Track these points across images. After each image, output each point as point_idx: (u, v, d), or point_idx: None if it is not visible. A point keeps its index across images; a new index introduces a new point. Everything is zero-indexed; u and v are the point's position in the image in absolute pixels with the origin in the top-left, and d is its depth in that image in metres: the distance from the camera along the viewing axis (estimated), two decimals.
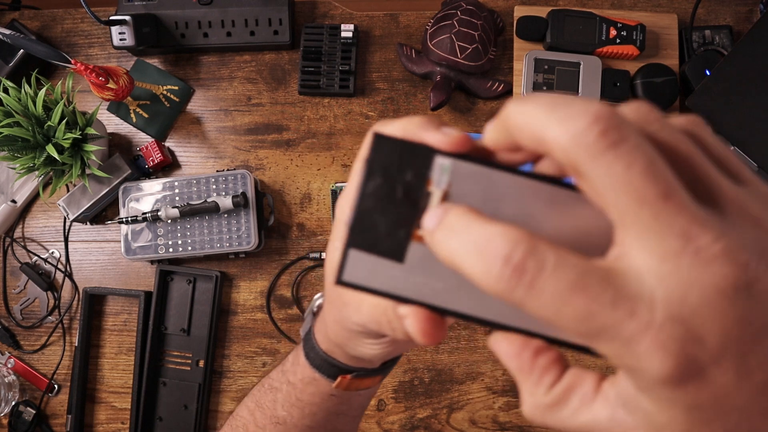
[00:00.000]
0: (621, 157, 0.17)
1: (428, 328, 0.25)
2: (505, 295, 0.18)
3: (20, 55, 0.81)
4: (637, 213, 0.17)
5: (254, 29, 0.82)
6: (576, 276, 0.17)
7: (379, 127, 0.26)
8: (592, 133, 0.17)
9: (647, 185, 0.17)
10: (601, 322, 0.17)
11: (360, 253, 0.24)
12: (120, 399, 0.82)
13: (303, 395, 0.39)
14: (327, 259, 0.31)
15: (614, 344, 0.17)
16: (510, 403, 0.79)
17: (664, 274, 0.17)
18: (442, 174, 0.23)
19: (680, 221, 0.17)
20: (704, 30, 0.82)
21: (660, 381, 0.17)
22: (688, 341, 0.16)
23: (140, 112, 0.84)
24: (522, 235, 0.18)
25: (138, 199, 0.80)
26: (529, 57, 0.80)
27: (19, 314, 0.83)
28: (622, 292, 0.17)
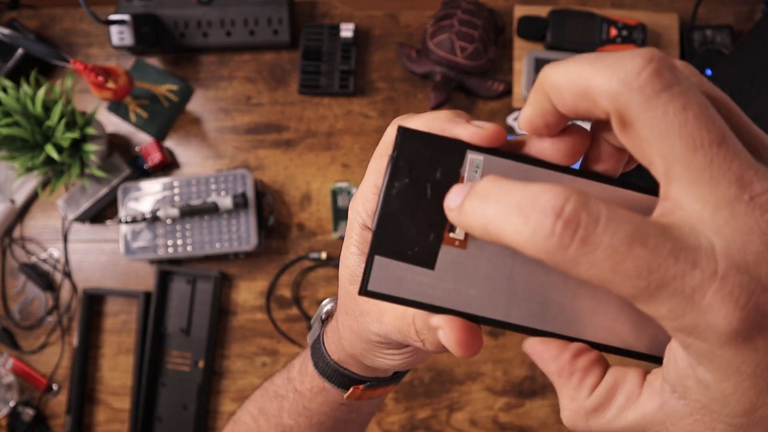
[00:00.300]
0: (677, 99, 0.16)
1: (465, 339, 0.23)
2: (557, 255, 0.16)
3: (19, 54, 0.81)
4: (689, 159, 0.16)
5: (254, 29, 0.82)
6: (633, 228, 0.16)
7: (402, 120, 0.24)
8: (646, 73, 0.16)
9: (702, 129, 0.16)
10: (662, 275, 0.16)
11: (386, 260, 0.22)
12: (119, 399, 0.81)
13: (311, 404, 0.38)
14: (342, 265, 0.29)
15: (676, 300, 0.16)
16: (510, 403, 0.79)
17: (720, 223, 0.16)
18: (474, 171, 0.22)
19: (735, 167, 0.16)
20: (705, 29, 0.82)
21: (726, 336, 0.15)
22: (756, 290, 0.15)
23: (139, 112, 0.83)
24: (570, 190, 0.17)
25: (137, 199, 0.80)
26: (530, 56, 0.80)
27: (17, 314, 0.83)
28: (681, 243, 0.16)
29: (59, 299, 0.82)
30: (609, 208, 0.16)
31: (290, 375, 0.40)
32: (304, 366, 0.38)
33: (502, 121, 0.83)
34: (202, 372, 0.79)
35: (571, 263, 0.16)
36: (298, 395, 0.38)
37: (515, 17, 0.82)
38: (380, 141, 0.26)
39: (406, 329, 0.26)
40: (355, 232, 0.27)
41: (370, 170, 0.26)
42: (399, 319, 0.26)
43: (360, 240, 0.27)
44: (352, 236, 0.28)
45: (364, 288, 0.22)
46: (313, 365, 0.37)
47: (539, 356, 0.23)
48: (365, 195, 0.26)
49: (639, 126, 0.17)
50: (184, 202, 0.79)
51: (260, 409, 0.41)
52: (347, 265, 0.28)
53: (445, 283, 0.22)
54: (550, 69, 0.19)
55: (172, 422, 0.80)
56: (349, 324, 0.30)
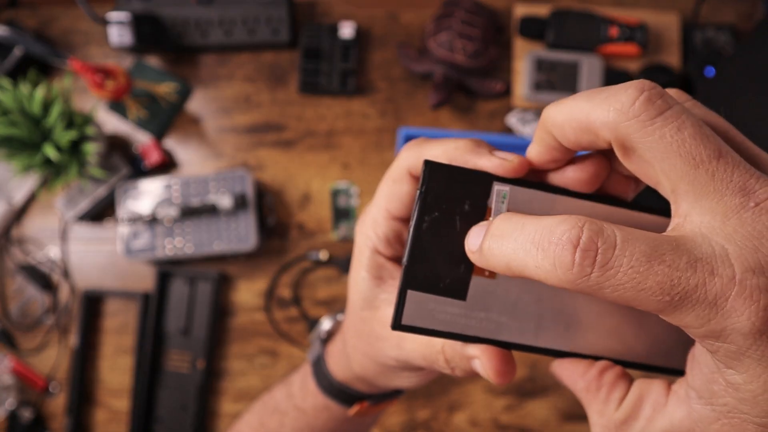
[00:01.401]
0: (671, 122, 0.17)
1: (502, 367, 0.23)
2: (580, 284, 0.17)
3: (17, 53, 0.81)
4: (693, 175, 0.17)
5: (253, 28, 0.82)
6: (649, 247, 0.17)
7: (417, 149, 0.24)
8: (639, 102, 0.17)
9: (700, 146, 0.17)
10: (683, 287, 0.16)
11: (418, 294, 0.22)
12: (118, 400, 0.81)
13: (315, 422, 0.38)
14: (353, 289, 0.29)
15: (700, 308, 0.16)
16: (510, 404, 0.79)
17: (730, 231, 0.17)
18: (501, 202, 0.22)
19: (736, 177, 0.17)
20: (706, 29, 0.82)
21: (752, 336, 0.16)
22: None
23: (138, 112, 0.83)
24: (583, 218, 0.17)
25: (136, 199, 0.79)
26: (530, 56, 0.80)
27: (16, 315, 0.82)
28: (696, 254, 0.17)
29: (58, 300, 0.82)
30: (623, 231, 0.17)
31: (290, 391, 0.40)
32: (305, 383, 0.38)
33: (501, 120, 0.82)
34: (201, 372, 0.79)
35: (596, 288, 0.17)
36: (300, 413, 0.38)
37: (515, 16, 0.82)
38: (393, 165, 0.26)
39: (433, 357, 0.26)
40: (365, 256, 0.27)
41: (381, 194, 0.27)
42: (424, 346, 0.26)
43: (372, 265, 0.27)
44: (362, 260, 0.28)
45: (397, 323, 0.23)
46: (317, 384, 0.37)
47: (568, 376, 0.24)
48: (376, 219, 0.27)
49: (640, 151, 0.18)
50: (184, 202, 0.79)
51: (260, 422, 0.41)
52: (359, 290, 0.28)
53: (477, 313, 0.23)
54: (551, 108, 0.20)
55: (172, 423, 0.79)
56: (362, 348, 0.30)
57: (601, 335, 0.24)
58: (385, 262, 0.28)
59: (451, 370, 0.25)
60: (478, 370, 0.24)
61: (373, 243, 0.27)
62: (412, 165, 0.25)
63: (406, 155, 0.26)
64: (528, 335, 0.23)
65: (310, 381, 0.37)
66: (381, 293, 0.28)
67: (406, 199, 0.26)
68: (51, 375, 0.81)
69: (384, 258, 0.28)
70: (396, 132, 0.82)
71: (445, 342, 0.25)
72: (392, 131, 0.83)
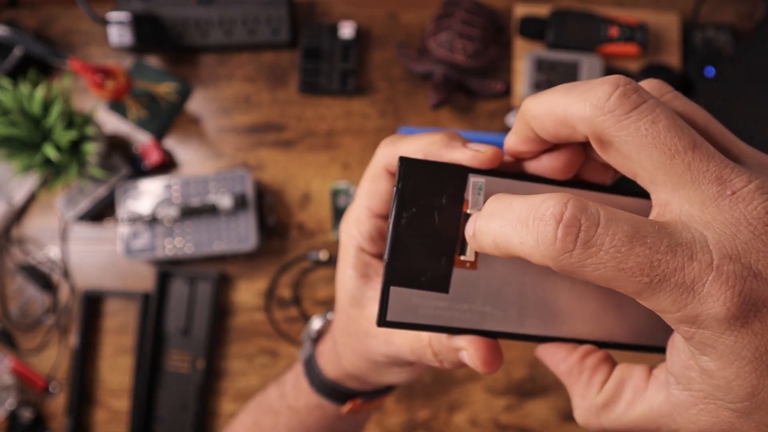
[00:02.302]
0: (645, 116, 0.18)
1: (489, 357, 0.24)
2: (562, 260, 0.17)
3: (17, 53, 0.81)
4: (669, 166, 0.18)
5: (253, 28, 0.82)
6: (632, 228, 0.17)
7: (392, 145, 0.25)
8: (614, 97, 0.18)
9: (674, 138, 0.17)
10: (662, 269, 0.17)
11: (401, 290, 0.23)
12: (118, 400, 0.81)
13: (308, 420, 0.38)
14: (340, 288, 0.29)
15: (678, 292, 0.17)
16: (510, 404, 0.79)
17: (709, 218, 0.17)
18: (477, 193, 0.23)
19: (712, 167, 0.17)
20: (706, 28, 0.82)
21: (726, 322, 0.16)
22: (748, 276, 0.16)
23: (138, 112, 0.83)
24: (568, 195, 0.17)
25: (136, 199, 0.79)
26: (530, 56, 0.80)
27: (16, 315, 0.82)
28: (676, 239, 0.17)
29: (58, 300, 0.82)
30: (607, 210, 0.17)
31: (283, 391, 0.40)
32: (297, 383, 0.38)
33: (501, 120, 0.82)
34: (201, 372, 0.79)
35: (577, 266, 0.17)
36: (293, 412, 0.38)
37: (515, 16, 0.82)
38: (371, 163, 0.26)
39: (421, 351, 0.26)
40: (350, 254, 0.28)
41: (362, 192, 0.27)
42: (412, 341, 0.26)
43: (357, 263, 0.28)
44: (347, 259, 0.28)
45: (382, 319, 0.23)
46: (309, 383, 0.37)
47: (550, 360, 0.24)
48: (359, 218, 0.27)
49: (617, 144, 0.18)
50: (184, 202, 0.79)
51: (255, 422, 0.41)
52: (346, 288, 0.28)
53: (461, 305, 0.23)
54: (530, 100, 0.21)
55: (172, 423, 0.79)
56: (352, 346, 0.31)
57: (583, 320, 0.24)
58: (370, 259, 0.28)
59: (440, 363, 0.26)
60: (465, 361, 0.24)
61: (357, 241, 0.28)
62: (388, 162, 0.26)
63: (382, 152, 0.26)
64: (512, 323, 0.24)
65: (302, 380, 0.38)
66: (368, 291, 0.28)
67: (385, 196, 0.26)
68: (51, 375, 0.81)
69: (369, 256, 0.28)
70: (396, 132, 0.82)
71: (431, 335, 0.25)
72: (392, 131, 0.83)
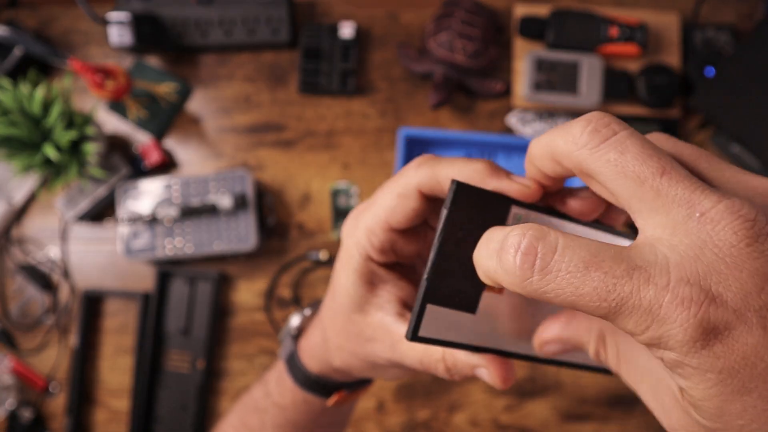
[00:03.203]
0: (614, 147, 0.19)
1: (505, 374, 0.25)
2: (526, 286, 0.18)
3: (17, 53, 0.81)
4: (640, 193, 0.18)
5: (253, 28, 0.82)
6: (588, 254, 0.18)
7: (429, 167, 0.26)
8: (586, 132, 0.19)
9: (642, 165, 0.18)
10: (618, 293, 0.17)
11: (435, 308, 0.24)
12: (118, 400, 0.81)
13: (295, 416, 0.39)
14: (342, 293, 0.30)
15: (637, 315, 0.17)
16: (510, 404, 0.79)
17: (675, 241, 0.17)
18: (516, 224, 0.23)
19: (681, 191, 0.17)
20: (706, 28, 0.82)
21: (687, 344, 0.16)
22: (708, 298, 0.16)
23: (138, 112, 0.83)
24: (531, 226, 0.19)
25: (136, 199, 0.79)
26: (530, 56, 0.80)
27: (16, 315, 0.82)
28: (636, 263, 0.17)
29: (58, 300, 0.82)
30: (567, 238, 0.18)
31: (267, 389, 0.40)
32: (280, 380, 0.39)
33: (501, 120, 0.82)
34: (201, 372, 0.79)
35: (540, 292, 0.18)
36: (279, 409, 0.39)
37: (515, 16, 0.82)
38: (400, 180, 0.27)
39: (432, 364, 0.27)
40: (356, 261, 0.28)
41: (381, 205, 0.27)
42: (422, 353, 0.27)
43: (364, 271, 0.28)
44: (352, 264, 0.28)
45: (414, 334, 0.24)
46: (293, 379, 0.37)
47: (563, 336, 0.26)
48: (372, 229, 0.27)
49: (595, 176, 0.19)
50: (184, 202, 0.79)
51: (242, 422, 0.42)
52: (349, 294, 0.29)
53: (484, 325, 0.25)
54: (532, 143, 0.22)
55: (172, 423, 0.79)
56: (349, 347, 0.31)
57: None
58: (377, 268, 0.29)
59: (450, 376, 0.27)
60: (483, 377, 0.26)
61: (366, 251, 0.28)
62: (423, 183, 0.26)
63: (415, 173, 0.26)
64: (525, 345, 0.25)
65: (285, 377, 0.38)
66: (372, 298, 0.29)
67: (411, 214, 0.27)
68: (51, 375, 0.81)
69: (376, 264, 0.29)
70: (396, 132, 0.82)
71: (444, 350, 0.26)
72: (392, 131, 0.83)
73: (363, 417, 0.79)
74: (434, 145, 0.82)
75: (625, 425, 0.78)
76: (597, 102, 0.79)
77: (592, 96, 0.79)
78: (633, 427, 0.78)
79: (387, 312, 0.28)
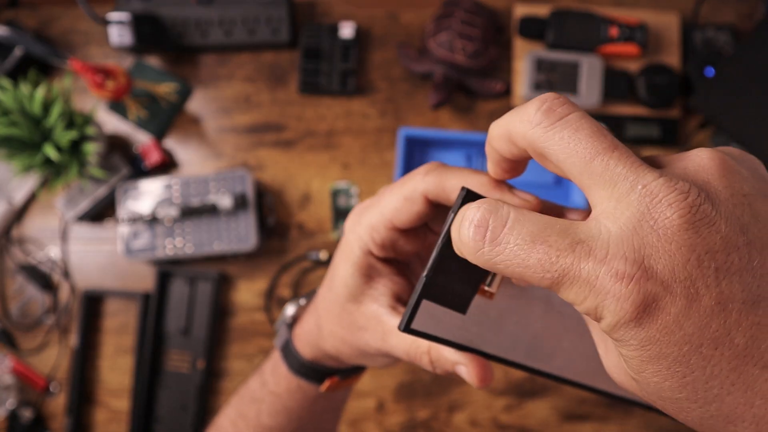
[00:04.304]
0: (568, 126, 0.19)
1: (482, 374, 0.27)
2: (478, 257, 0.20)
3: (17, 53, 0.81)
4: (590, 168, 0.19)
5: (253, 28, 0.82)
6: (537, 228, 0.19)
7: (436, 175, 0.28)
8: (541, 111, 0.20)
9: (595, 142, 0.19)
10: (561, 265, 0.18)
11: (429, 304, 0.25)
12: (118, 400, 0.81)
13: (290, 403, 0.40)
14: (339, 283, 0.31)
15: (577, 286, 0.18)
16: (510, 404, 0.79)
17: (618, 214, 0.18)
18: None
19: (629, 165, 0.18)
20: (706, 28, 0.82)
21: (617, 314, 0.17)
22: (640, 271, 0.17)
23: (138, 112, 0.83)
24: (487, 200, 0.20)
25: (136, 199, 0.79)
26: (530, 56, 0.80)
27: (16, 315, 0.82)
28: (580, 237, 0.18)
29: (58, 300, 0.82)
30: (518, 212, 0.19)
31: (263, 378, 0.41)
32: (276, 369, 0.40)
33: None
34: (201, 372, 0.79)
35: (491, 263, 0.19)
36: (275, 397, 0.40)
37: (515, 16, 0.82)
38: (407, 185, 0.28)
39: (418, 356, 0.29)
40: (356, 255, 0.30)
41: (387, 206, 0.29)
42: (409, 345, 0.29)
43: (363, 264, 0.30)
44: (352, 257, 0.30)
45: (407, 326, 0.25)
46: (288, 367, 0.38)
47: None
48: (375, 226, 0.29)
49: (548, 154, 0.20)
50: (184, 202, 0.79)
51: (238, 413, 0.43)
52: (346, 284, 0.30)
53: (471, 327, 0.26)
54: (491, 126, 0.23)
55: (172, 423, 0.79)
56: (341, 335, 0.33)
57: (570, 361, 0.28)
58: (375, 262, 0.30)
59: (433, 369, 0.29)
60: (462, 374, 0.27)
61: (367, 246, 0.30)
62: (429, 190, 0.28)
63: (423, 179, 0.28)
64: (505, 350, 0.27)
65: (280, 365, 0.39)
66: (367, 289, 0.30)
67: (415, 217, 0.28)
68: (51, 375, 0.81)
69: (375, 259, 0.30)
70: (396, 132, 0.82)
71: (431, 344, 0.28)
72: (392, 131, 0.83)
73: (363, 417, 0.79)
74: (434, 145, 0.82)
75: (624, 425, 0.78)
76: (597, 102, 0.79)
77: (592, 96, 0.79)
78: (633, 427, 0.78)
79: (381, 304, 0.30)
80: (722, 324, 0.17)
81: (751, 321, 0.17)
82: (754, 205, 0.18)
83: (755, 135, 0.75)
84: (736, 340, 0.17)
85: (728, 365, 0.17)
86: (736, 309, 0.17)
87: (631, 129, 0.81)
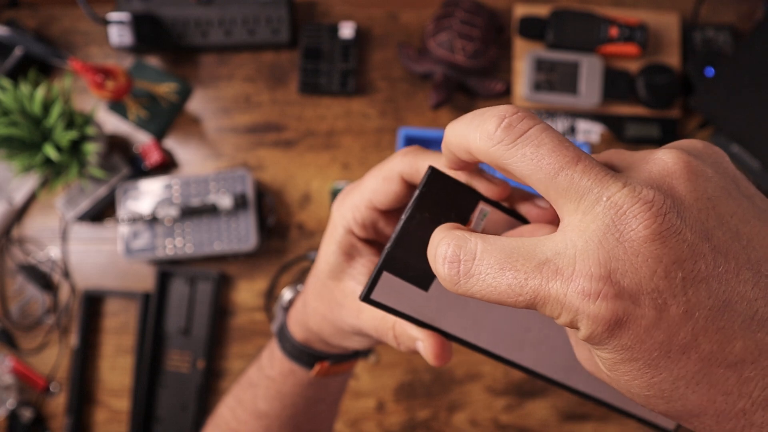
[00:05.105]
0: (529, 142, 0.19)
1: (440, 352, 0.27)
2: (458, 289, 0.20)
3: (18, 53, 0.81)
4: (555, 183, 0.19)
5: (253, 28, 0.82)
6: (503, 255, 0.19)
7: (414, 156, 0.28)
8: (501, 129, 0.19)
9: (558, 156, 0.19)
10: (530, 287, 0.18)
11: (391, 277, 0.25)
12: (118, 400, 0.81)
13: (283, 387, 0.40)
14: (322, 260, 0.32)
15: (549, 305, 0.18)
16: (510, 404, 0.79)
17: (584, 227, 0.18)
18: (480, 218, 0.26)
19: (593, 176, 0.18)
20: (706, 29, 0.82)
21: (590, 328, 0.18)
22: (607, 286, 0.17)
23: (138, 112, 0.83)
24: (454, 235, 0.20)
25: (136, 199, 0.79)
26: (530, 56, 0.80)
27: (16, 315, 0.82)
28: (546, 255, 0.18)
29: (58, 299, 0.82)
30: (486, 242, 0.20)
31: (260, 364, 0.42)
32: (271, 352, 0.41)
33: None
34: (201, 372, 0.79)
35: (469, 293, 0.20)
36: (270, 381, 0.41)
37: (515, 16, 0.82)
38: (386, 166, 0.29)
39: (384, 331, 0.30)
40: (338, 233, 0.31)
41: (367, 186, 0.30)
42: (378, 320, 0.30)
43: (344, 242, 0.31)
44: (334, 236, 0.31)
45: (367, 296, 0.26)
46: (281, 349, 0.39)
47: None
48: (357, 206, 0.30)
49: (512, 170, 0.20)
50: (184, 202, 0.79)
51: (237, 399, 0.44)
52: (328, 261, 0.32)
53: (432, 304, 0.26)
54: (447, 129, 0.23)
55: (172, 423, 0.79)
56: (322, 311, 0.34)
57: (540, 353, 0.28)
58: (356, 242, 0.31)
59: (398, 345, 0.29)
60: (420, 350, 0.28)
61: (349, 224, 0.30)
62: (405, 170, 0.28)
63: (401, 160, 0.29)
64: (469, 333, 0.27)
65: (276, 349, 0.40)
66: (347, 268, 0.31)
67: (392, 197, 0.29)
68: (51, 375, 0.81)
69: (356, 238, 0.31)
70: (396, 132, 0.82)
71: (396, 320, 0.28)
72: (392, 131, 0.83)
73: (363, 417, 0.79)
74: (434, 145, 0.82)
75: (624, 425, 0.78)
76: (597, 102, 0.79)
77: (591, 96, 0.79)
78: (632, 427, 0.78)
79: (358, 282, 0.31)
80: (690, 331, 0.17)
81: (717, 326, 0.17)
82: (718, 208, 0.18)
83: (755, 135, 0.75)
84: (702, 346, 0.17)
85: (694, 367, 0.17)
86: (703, 316, 0.17)
87: (631, 129, 0.81)
